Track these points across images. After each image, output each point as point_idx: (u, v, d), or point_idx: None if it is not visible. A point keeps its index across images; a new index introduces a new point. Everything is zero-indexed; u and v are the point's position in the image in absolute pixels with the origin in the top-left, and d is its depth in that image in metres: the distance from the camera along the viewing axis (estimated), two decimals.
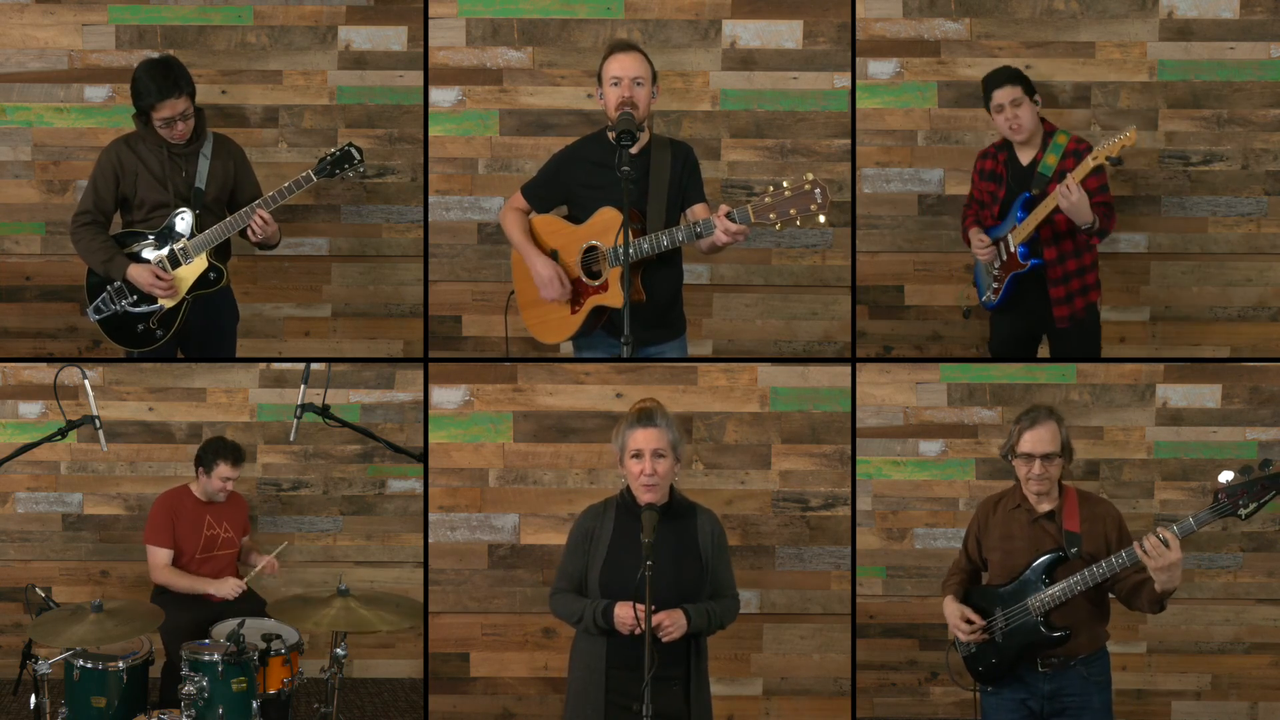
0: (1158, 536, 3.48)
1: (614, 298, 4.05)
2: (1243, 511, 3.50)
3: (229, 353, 4.70)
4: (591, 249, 4.11)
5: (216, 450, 4.64)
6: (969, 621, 3.83)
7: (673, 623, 3.56)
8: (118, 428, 5.06)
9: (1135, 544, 3.52)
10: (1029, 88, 4.48)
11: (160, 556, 4.62)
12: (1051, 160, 4.46)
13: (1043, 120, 4.54)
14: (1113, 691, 3.85)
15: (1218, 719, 4.92)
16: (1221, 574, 4.89)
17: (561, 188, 4.22)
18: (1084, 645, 3.76)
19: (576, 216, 4.18)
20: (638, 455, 3.63)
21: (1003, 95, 4.47)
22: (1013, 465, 3.84)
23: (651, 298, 4.07)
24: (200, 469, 4.67)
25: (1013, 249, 4.49)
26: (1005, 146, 4.59)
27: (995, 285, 4.60)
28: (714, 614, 3.68)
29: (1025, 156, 4.54)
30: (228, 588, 4.54)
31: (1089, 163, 4.31)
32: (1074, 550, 3.72)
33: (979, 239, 4.60)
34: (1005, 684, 3.82)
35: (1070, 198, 4.27)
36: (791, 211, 3.80)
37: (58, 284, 5.07)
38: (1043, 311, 4.55)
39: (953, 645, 3.95)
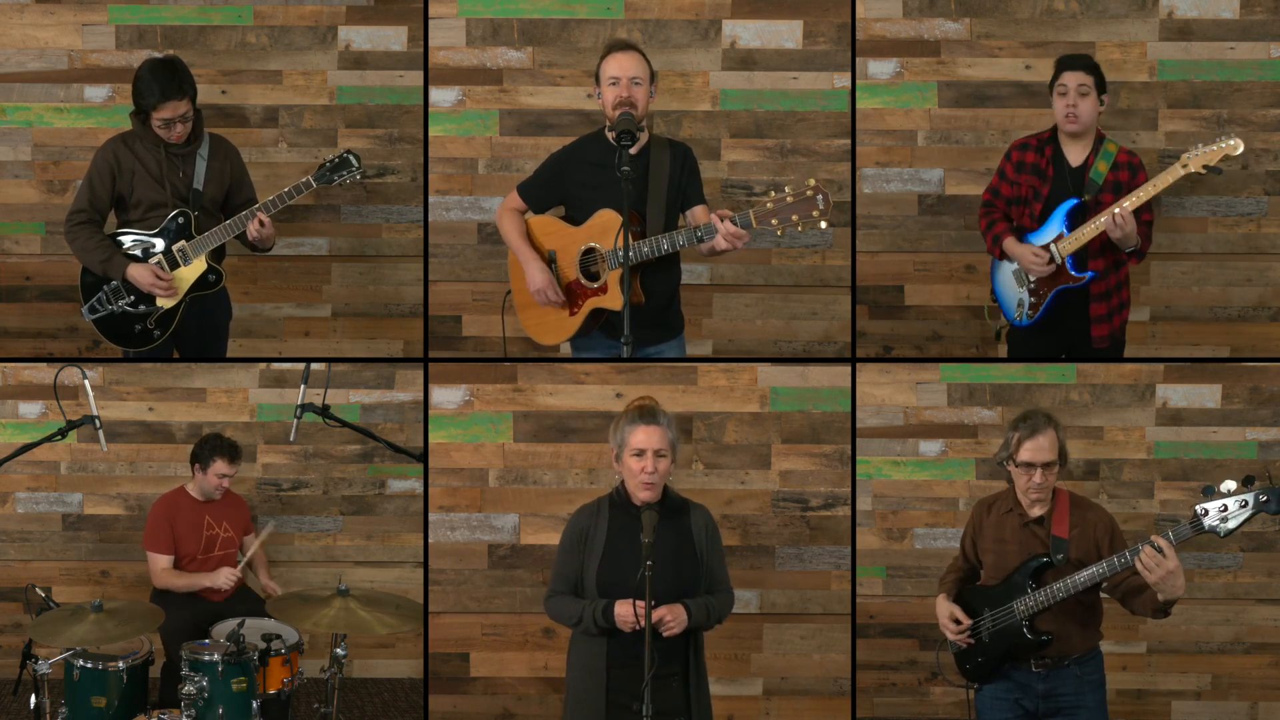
0: (1153, 546, 3.47)
1: (613, 300, 4.05)
2: (1221, 530, 3.49)
3: (222, 351, 4.70)
4: (590, 251, 4.10)
5: (213, 447, 4.63)
6: (957, 621, 3.86)
7: (674, 617, 3.56)
8: (118, 428, 5.06)
9: (1136, 559, 3.50)
10: (1101, 83, 4.29)
11: (160, 562, 4.61)
12: (1103, 168, 4.28)
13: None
14: (1109, 691, 3.85)
15: (1218, 719, 4.92)
16: (1221, 574, 4.88)
17: (559, 188, 4.20)
18: (1077, 646, 3.76)
19: (574, 217, 4.17)
20: (639, 454, 3.63)
21: (1071, 79, 4.25)
22: (1009, 471, 3.82)
23: (650, 298, 4.07)
24: (196, 465, 4.66)
25: (1060, 260, 4.28)
26: (1051, 141, 4.38)
27: (1033, 301, 4.36)
28: (712, 608, 3.69)
29: (1074, 157, 4.35)
30: (222, 578, 4.54)
31: (1178, 170, 4.14)
32: (1059, 556, 3.71)
33: (1033, 252, 4.28)
34: (996, 682, 3.83)
35: (1125, 228, 4.12)
36: (794, 217, 3.81)
37: (58, 284, 5.07)
38: (1079, 330, 4.37)
39: (944, 643, 3.96)
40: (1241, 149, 4.14)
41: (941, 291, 5.05)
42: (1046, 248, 4.31)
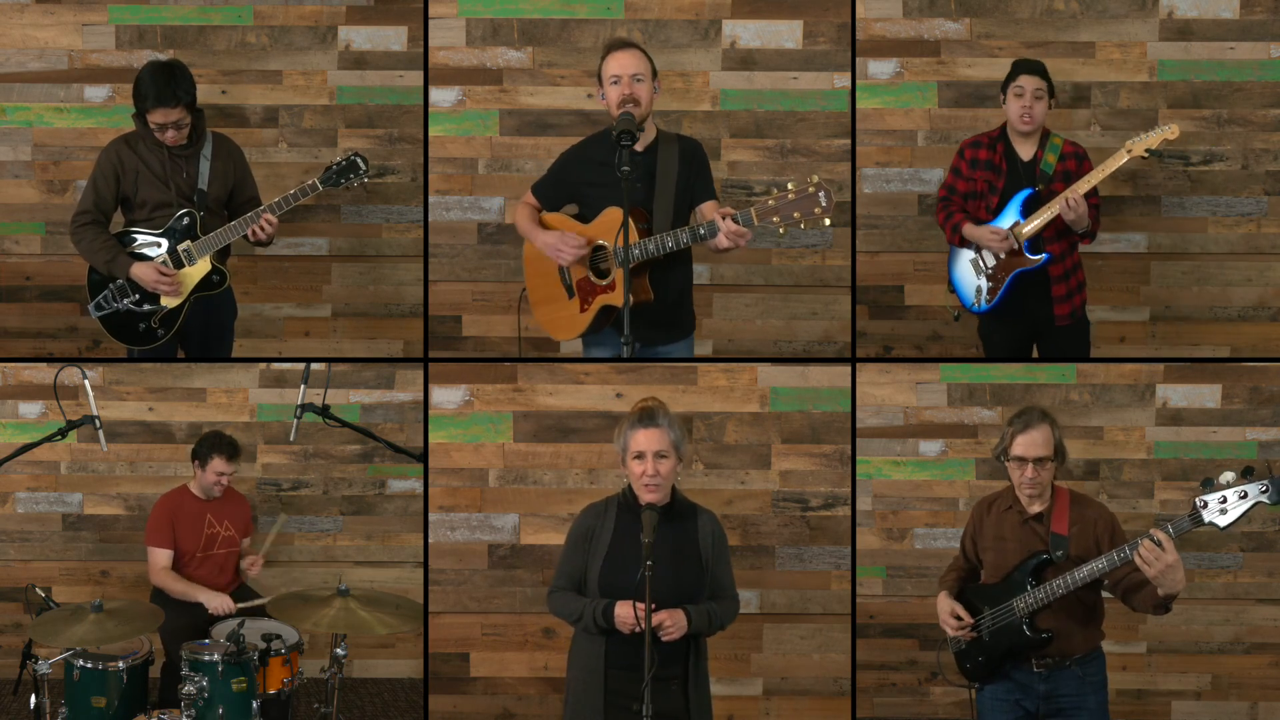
0: (1152, 539, 3.47)
1: (619, 297, 4.04)
2: (1221, 521, 3.49)
3: (227, 350, 4.70)
4: (599, 248, 4.11)
5: (212, 444, 4.63)
6: (958, 618, 3.85)
7: (674, 622, 3.56)
8: (118, 428, 5.06)
9: (1135, 553, 3.50)
10: (1051, 88, 4.49)
11: (160, 558, 4.61)
12: (1052, 159, 4.48)
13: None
14: (1110, 692, 3.85)
15: (1218, 719, 4.92)
16: (1221, 574, 4.89)
17: (569, 187, 4.22)
18: (1079, 646, 3.76)
19: (585, 215, 4.18)
20: (640, 456, 3.62)
21: (1029, 82, 4.46)
22: (1005, 466, 3.84)
23: (661, 297, 4.06)
24: (196, 463, 4.67)
25: (1018, 245, 4.47)
26: (1002, 138, 4.57)
27: (991, 286, 4.55)
28: (714, 614, 3.68)
29: (1025, 152, 4.53)
30: (217, 601, 4.52)
31: (1123, 155, 4.37)
32: (1059, 553, 3.71)
33: (991, 231, 4.50)
34: (997, 683, 3.83)
35: (1078, 209, 4.34)
36: (795, 215, 3.79)
37: (58, 284, 5.07)
38: (1040, 313, 4.54)
39: (944, 643, 3.95)
40: (1178, 134, 4.36)
41: (941, 292, 5.04)
42: (1006, 235, 4.49)
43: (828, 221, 3.79)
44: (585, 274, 4.14)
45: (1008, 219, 4.49)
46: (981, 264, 4.56)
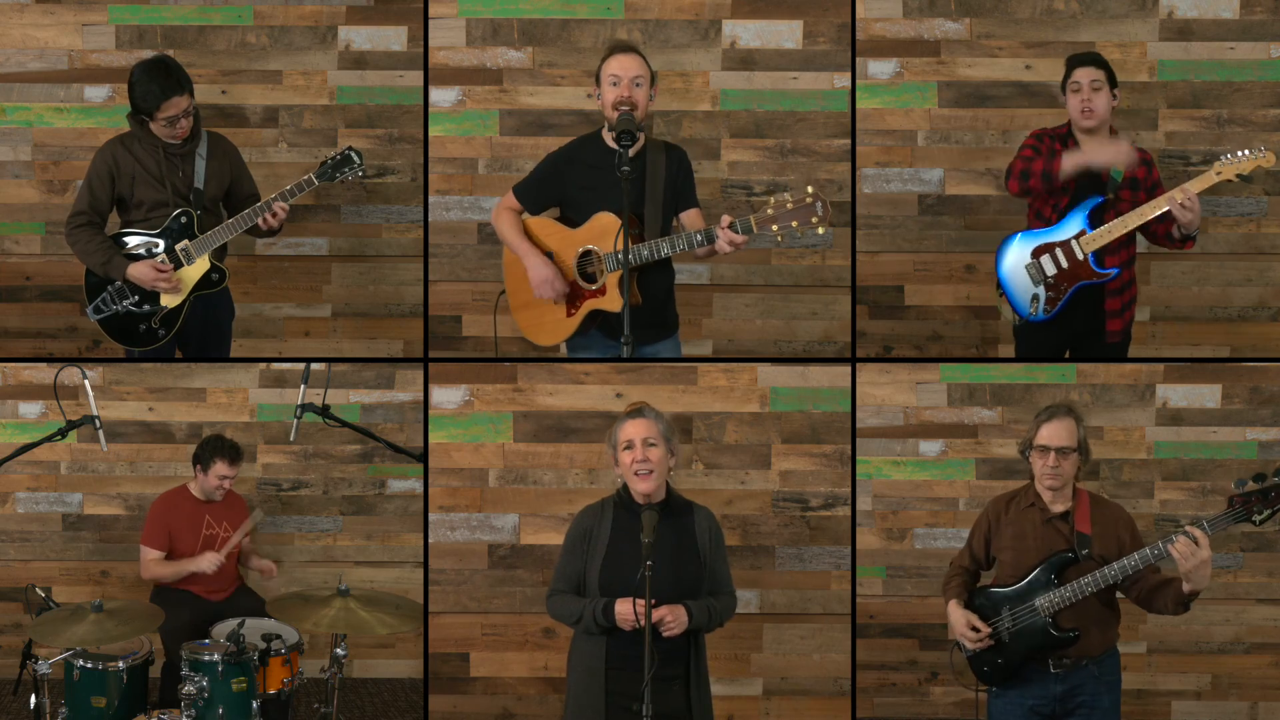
0: (1188, 535, 3.49)
1: (610, 302, 4.05)
2: (1257, 518, 3.52)
3: (225, 350, 4.70)
4: (587, 253, 4.10)
5: (214, 448, 4.63)
6: (975, 629, 3.81)
7: (675, 618, 3.56)
8: (118, 428, 5.06)
9: (1169, 545, 3.52)
10: (1112, 78, 4.28)
11: (150, 556, 4.61)
12: (1121, 165, 4.24)
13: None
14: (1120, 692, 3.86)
15: (1218, 719, 4.92)
16: (1221, 574, 4.88)
17: (557, 189, 4.19)
18: (1096, 645, 3.76)
19: (571, 219, 4.16)
20: (629, 446, 3.65)
21: (1084, 74, 4.25)
22: (1029, 461, 3.84)
23: (647, 299, 4.07)
24: (198, 467, 4.67)
25: (1081, 256, 4.25)
26: (1069, 138, 4.33)
27: (1050, 296, 4.30)
28: (714, 610, 3.69)
29: None
30: (205, 562, 4.52)
31: (1212, 176, 4.10)
32: (1085, 552, 3.72)
33: (1117, 148, 4.16)
34: (1012, 686, 3.81)
35: (1194, 209, 4.08)
36: (793, 224, 3.85)
37: (58, 284, 5.07)
38: (1089, 324, 4.35)
39: (956, 645, 3.94)
40: (1273, 162, 4.09)
41: (941, 291, 5.05)
42: (1067, 242, 4.26)
43: (822, 230, 3.83)
44: (573, 278, 4.13)
45: (1072, 225, 4.28)
46: (1041, 271, 4.32)
